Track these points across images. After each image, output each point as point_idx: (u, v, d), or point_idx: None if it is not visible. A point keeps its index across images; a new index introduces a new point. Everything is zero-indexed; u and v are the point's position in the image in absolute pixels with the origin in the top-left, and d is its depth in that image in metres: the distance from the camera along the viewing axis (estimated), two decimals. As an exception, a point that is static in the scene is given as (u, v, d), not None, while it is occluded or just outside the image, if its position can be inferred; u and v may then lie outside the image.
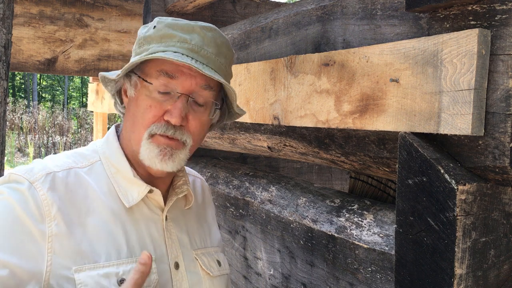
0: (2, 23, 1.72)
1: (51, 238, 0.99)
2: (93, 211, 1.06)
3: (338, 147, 1.38)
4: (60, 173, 1.06)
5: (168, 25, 1.09)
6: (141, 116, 1.08)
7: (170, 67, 1.07)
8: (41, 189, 1.01)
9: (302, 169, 3.08)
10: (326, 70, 1.28)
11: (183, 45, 1.07)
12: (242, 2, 2.75)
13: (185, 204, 1.26)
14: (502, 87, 0.90)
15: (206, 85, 1.09)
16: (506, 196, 1.01)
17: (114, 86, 1.17)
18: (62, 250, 1.00)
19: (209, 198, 1.42)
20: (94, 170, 1.12)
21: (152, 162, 1.08)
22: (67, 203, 1.03)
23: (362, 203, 1.42)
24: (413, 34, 1.10)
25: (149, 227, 1.13)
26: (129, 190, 1.11)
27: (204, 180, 1.45)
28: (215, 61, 1.09)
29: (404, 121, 1.05)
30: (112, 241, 1.06)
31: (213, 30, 1.11)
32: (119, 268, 1.04)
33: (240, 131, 1.93)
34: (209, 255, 1.27)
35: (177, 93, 1.07)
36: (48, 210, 1.00)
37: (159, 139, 1.08)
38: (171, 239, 1.17)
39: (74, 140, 16.90)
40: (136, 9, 4.07)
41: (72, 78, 26.56)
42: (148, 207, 1.15)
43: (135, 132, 1.09)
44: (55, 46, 3.82)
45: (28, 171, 1.04)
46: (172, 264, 1.14)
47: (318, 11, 1.44)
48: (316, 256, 1.47)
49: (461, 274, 0.95)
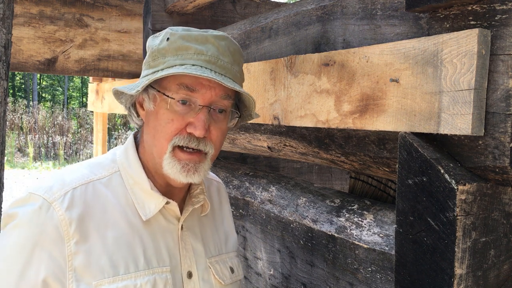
0: (2, 23, 1.72)
1: (70, 256, 1.02)
2: (112, 224, 1.08)
3: (338, 147, 1.38)
4: (78, 189, 1.08)
5: (182, 36, 1.09)
6: (162, 130, 1.09)
7: (190, 80, 1.08)
8: (59, 209, 1.03)
9: (302, 169, 3.08)
10: (326, 70, 1.28)
11: (200, 57, 1.07)
12: (242, 2, 2.75)
13: (201, 211, 1.28)
14: (502, 87, 0.90)
15: (225, 95, 1.11)
16: (506, 196, 1.01)
17: (129, 99, 1.18)
18: (81, 266, 1.03)
19: (225, 200, 1.43)
20: (112, 181, 1.14)
21: (177, 177, 1.10)
22: (85, 219, 1.06)
23: (362, 203, 1.42)
24: (413, 34, 1.10)
25: (165, 237, 1.16)
26: (146, 202, 1.13)
27: (220, 182, 1.46)
28: (231, 70, 1.11)
29: (404, 121, 1.05)
30: (130, 252, 1.08)
31: (226, 39, 1.12)
32: (137, 280, 1.07)
33: (240, 131, 1.93)
34: (223, 262, 1.29)
35: (199, 106, 1.08)
36: (67, 230, 1.02)
37: (180, 155, 1.09)
38: (185, 249, 1.19)
39: (74, 140, 16.90)
40: (136, 9, 4.07)
41: (72, 78, 26.56)
42: (164, 218, 1.17)
43: (158, 146, 1.10)
44: (55, 46, 3.82)
45: (47, 190, 1.06)
46: (184, 274, 1.17)
47: (318, 11, 1.44)
48: (316, 256, 1.47)
49: (461, 274, 0.95)
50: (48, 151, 15.92)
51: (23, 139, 16.19)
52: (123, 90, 1.12)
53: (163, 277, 1.11)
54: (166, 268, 1.12)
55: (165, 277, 1.11)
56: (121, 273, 1.06)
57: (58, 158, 15.22)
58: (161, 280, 1.10)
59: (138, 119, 1.20)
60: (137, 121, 1.20)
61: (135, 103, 1.18)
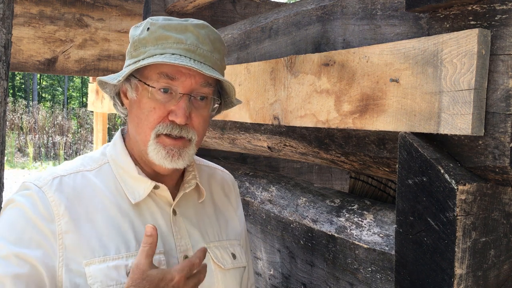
0: (2, 23, 1.72)
1: (61, 235, 1.05)
2: (101, 208, 1.11)
3: (338, 147, 1.38)
4: (67, 176, 1.13)
5: (162, 26, 1.11)
6: (145, 118, 1.12)
7: (170, 69, 1.10)
8: (48, 191, 1.08)
9: (302, 169, 3.08)
10: (326, 70, 1.28)
11: (179, 46, 1.09)
12: (242, 2, 2.75)
13: (198, 197, 1.29)
14: (502, 87, 0.90)
15: (205, 83, 1.13)
16: (506, 196, 1.01)
17: (113, 89, 1.21)
18: (72, 245, 1.06)
19: (230, 190, 1.42)
20: (102, 172, 1.18)
21: (162, 162, 1.12)
22: (74, 202, 1.10)
23: (362, 203, 1.42)
24: (413, 34, 1.10)
25: (156, 221, 1.17)
26: (135, 187, 1.16)
27: (226, 172, 1.46)
28: (211, 58, 1.12)
29: (404, 121, 1.05)
30: (120, 236, 1.10)
31: (205, 27, 1.14)
32: (128, 260, 1.08)
33: (240, 131, 1.93)
34: (223, 248, 1.28)
35: (179, 94, 1.10)
36: (57, 210, 1.07)
37: (165, 140, 1.11)
38: (179, 233, 1.19)
39: (74, 140, 16.90)
40: (136, 9, 4.07)
41: (72, 78, 26.55)
42: (156, 204, 1.18)
43: (141, 134, 1.13)
44: (55, 46, 3.82)
45: (37, 178, 1.12)
46: (180, 257, 1.17)
47: (318, 11, 1.44)
48: (316, 256, 1.47)
49: (461, 274, 0.95)
50: (48, 151, 15.91)
51: (23, 139, 16.19)
52: (106, 80, 1.15)
53: (156, 259, 1.10)
54: (159, 251, 1.12)
55: (158, 259, 1.11)
56: (112, 253, 1.07)
57: (58, 158, 15.22)
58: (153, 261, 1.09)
59: (123, 108, 1.22)
60: (122, 110, 1.23)
61: (119, 92, 1.21)
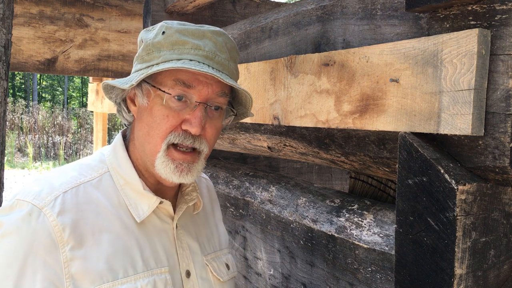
0: (2, 23, 1.72)
1: (66, 263, 0.98)
2: (106, 226, 1.04)
3: (338, 147, 1.38)
4: (69, 192, 1.03)
5: (178, 30, 1.05)
6: (157, 127, 1.05)
7: (187, 76, 1.04)
8: (51, 214, 0.98)
9: (302, 169, 3.08)
10: (326, 70, 1.28)
11: (197, 52, 1.04)
12: (242, 2, 2.75)
13: (193, 209, 1.26)
14: (502, 87, 0.90)
15: (221, 92, 1.08)
16: (506, 196, 1.01)
17: (120, 94, 1.14)
18: (79, 273, 0.99)
19: (214, 196, 1.42)
20: (103, 182, 1.09)
21: (169, 177, 1.06)
22: (79, 223, 1.01)
23: (362, 203, 1.42)
24: (413, 34, 1.10)
25: (161, 238, 1.13)
26: (139, 203, 1.10)
27: (208, 179, 1.45)
28: (228, 66, 1.08)
29: (404, 121, 1.05)
30: (127, 255, 1.05)
31: (223, 35, 1.09)
32: (137, 282, 1.04)
33: (240, 131, 1.93)
34: (218, 259, 1.28)
35: (195, 102, 1.05)
36: (60, 236, 0.98)
37: (174, 154, 1.06)
38: (182, 248, 1.17)
39: (74, 140, 16.90)
40: (136, 9, 4.07)
41: (72, 78, 26.55)
42: (158, 217, 1.14)
43: (151, 143, 1.07)
44: (55, 46, 3.82)
45: (36, 196, 1.00)
46: (183, 273, 1.15)
47: (318, 11, 1.44)
48: (316, 256, 1.47)
49: (461, 274, 0.95)
50: (48, 151, 15.91)
51: (23, 139, 16.19)
52: (115, 84, 1.08)
53: (163, 278, 1.08)
54: (164, 269, 1.10)
55: (164, 278, 1.09)
56: (120, 276, 1.02)
57: (58, 158, 15.23)
58: (161, 281, 1.08)
59: (129, 115, 1.16)
60: (127, 117, 1.17)
61: (125, 98, 1.15)
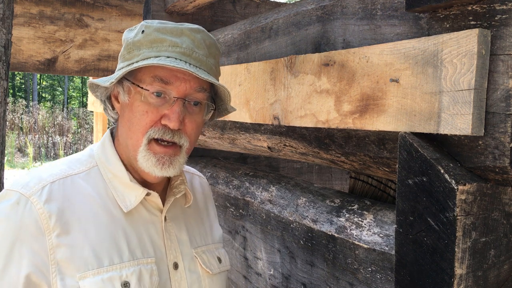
0: (2, 23, 1.72)
1: (52, 250, 1.01)
2: (93, 216, 1.07)
3: (338, 147, 1.38)
4: (56, 182, 1.07)
5: (157, 29, 1.09)
6: (137, 122, 1.09)
7: (164, 72, 1.07)
8: (37, 202, 1.02)
9: (302, 169, 3.08)
10: (326, 70, 1.28)
11: (175, 49, 1.07)
12: (242, 2, 2.75)
13: (184, 202, 1.27)
14: (502, 87, 0.90)
15: (200, 88, 1.11)
16: (506, 196, 1.01)
17: (104, 92, 1.17)
18: (64, 260, 1.02)
19: (209, 195, 1.44)
20: (91, 175, 1.13)
21: (152, 170, 1.09)
22: (65, 212, 1.05)
23: (362, 203, 1.42)
24: (413, 34, 1.10)
25: (148, 229, 1.15)
26: (127, 194, 1.13)
27: (203, 177, 1.46)
28: (207, 62, 1.11)
29: (404, 121, 1.05)
30: (113, 244, 1.07)
31: (201, 32, 1.12)
32: (122, 271, 1.06)
33: (240, 131, 1.93)
34: (210, 252, 1.28)
35: (173, 98, 1.08)
36: (47, 223, 1.01)
37: (155, 148, 1.09)
38: (170, 240, 1.18)
39: (74, 140, 16.90)
40: (136, 9, 4.07)
41: (72, 78, 26.56)
42: (146, 210, 1.16)
43: (133, 138, 1.10)
44: (55, 46, 3.82)
45: (24, 185, 1.05)
46: (170, 265, 1.16)
47: (318, 11, 1.44)
48: (316, 256, 1.47)
49: (461, 274, 0.95)
50: (48, 151, 15.91)
51: (23, 139, 16.18)
52: (97, 83, 1.12)
53: (148, 268, 1.10)
54: (151, 259, 1.11)
55: (150, 268, 1.10)
56: (105, 264, 1.04)
57: (58, 158, 15.22)
58: (146, 271, 1.09)
59: (114, 112, 1.19)
60: (112, 114, 1.20)
61: (110, 96, 1.18)
